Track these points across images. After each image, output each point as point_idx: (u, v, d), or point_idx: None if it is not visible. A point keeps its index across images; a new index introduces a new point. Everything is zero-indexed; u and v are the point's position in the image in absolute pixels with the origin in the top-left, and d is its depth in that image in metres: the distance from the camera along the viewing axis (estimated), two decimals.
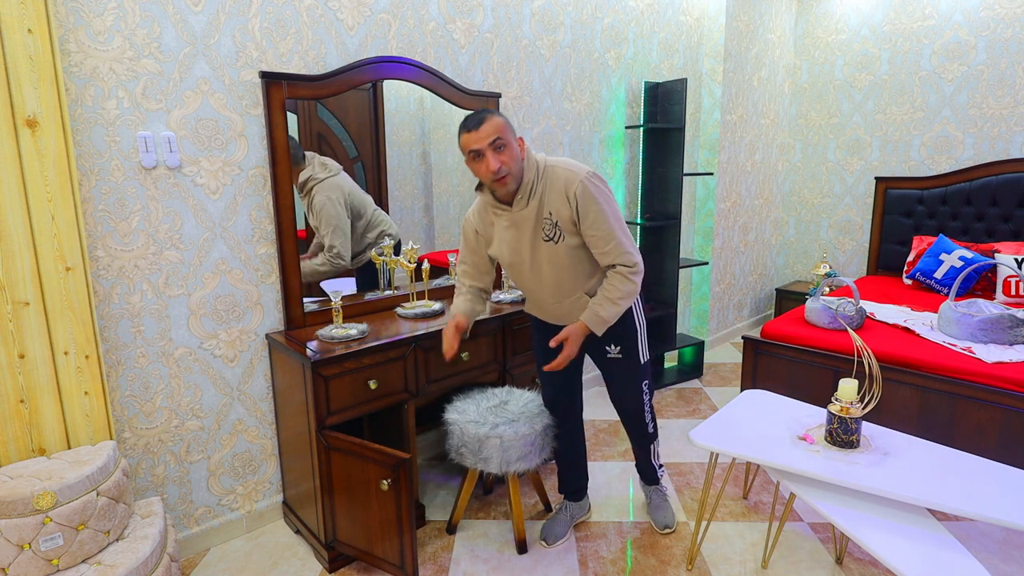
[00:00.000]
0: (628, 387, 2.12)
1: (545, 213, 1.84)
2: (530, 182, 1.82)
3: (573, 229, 1.84)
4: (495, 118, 1.75)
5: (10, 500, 1.45)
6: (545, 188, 1.83)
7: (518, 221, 1.88)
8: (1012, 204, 3.71)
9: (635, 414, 2.18)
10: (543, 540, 2.22)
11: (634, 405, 2.15)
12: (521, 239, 1.90)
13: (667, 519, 2.30)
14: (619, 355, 2.06)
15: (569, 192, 1.79)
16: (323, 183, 2.30)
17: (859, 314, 2.80)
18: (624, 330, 2.04)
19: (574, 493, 2.33)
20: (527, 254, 1.92)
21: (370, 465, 1.90)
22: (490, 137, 1.73)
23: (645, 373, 2.12)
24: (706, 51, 4.10)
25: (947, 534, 1.54)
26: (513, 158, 1.78)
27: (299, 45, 2.20)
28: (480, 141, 1.73)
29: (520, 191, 1.83)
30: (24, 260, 1.64)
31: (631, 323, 2.05)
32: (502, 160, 1.75)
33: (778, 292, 4.79)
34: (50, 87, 1.63)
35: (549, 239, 1.86)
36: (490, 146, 1.73)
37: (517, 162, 1.79)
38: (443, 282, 2.76)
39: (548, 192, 1.83)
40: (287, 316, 2.25)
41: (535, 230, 1.87)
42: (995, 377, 2.27)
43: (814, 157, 4.84)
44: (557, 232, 1.84)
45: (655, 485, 2.38)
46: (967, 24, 3.92)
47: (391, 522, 1.90)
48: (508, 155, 1.76)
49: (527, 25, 2.97)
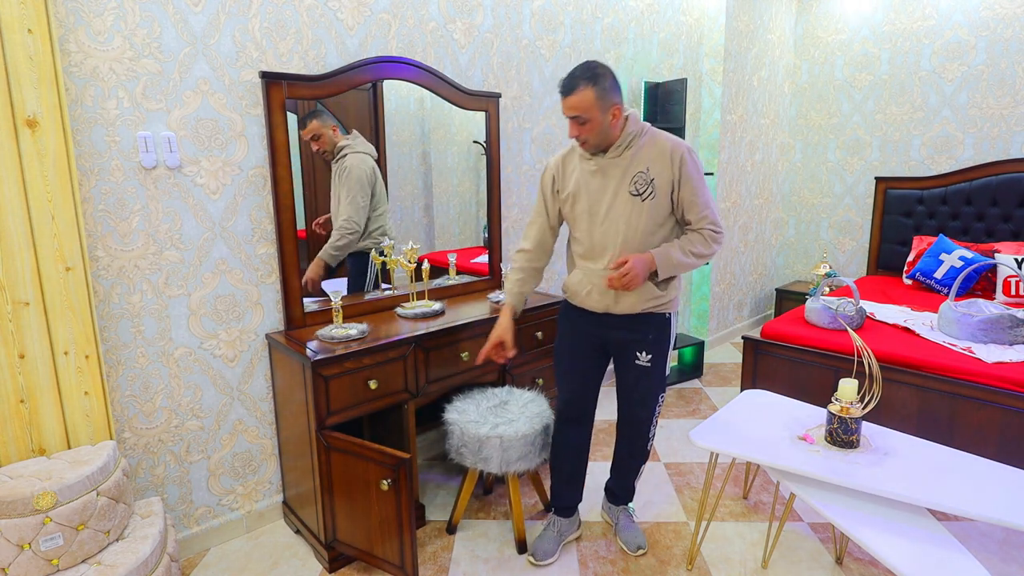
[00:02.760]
0: (647, 398, 2.03)
1: (641, 167, 1.83)
2: (631, 135, 1.83)
3: (667, 190, 1.83)
4: (583, 92, 1.75)
5: (10, 500, 1.45)
6: (647, 145, 1.84)
7: (607, 168, 1.87)
8: (1012, 204, 3.71)
9: (643, 426, 2.08)
10: (531, 556, 2.11)
11: (647, 416, 2.06)
12: (606, 187, 1.87)
13: (639, 540, 2.18)
14: (648, 363, 1.98)
15: (675, 155, 1.81)
16: (358, 153, 2.37)
17: (859, 314, 2.80)
18: (660, 340, 1.98)
19: (565, 510, 2.21)
20: (606, 204, 1.88)
21: (370, 465, 1.90)
22: (573, 111, 1.78)
23: (662, 387, 2.06)
24: (706, 51, 4.10)
25: (947, 534, 1.54)
26: (595, 130, 1.80)
27: (299, 45, 2.20)
28: (567, 110, 1.80)
29: (621, 139, 1.83)
30: (24, 260, 1.64)
31: (667, 333, 1.99)
32: (581, 131, 1.81)
33: (778, 292, 4.80)
34: (50, 87, 1.63)
35: (637, 194, 1.83)
36: (573, 118, 1.79)
37: (600, 133, 1.81)
38: (443, 282, 2.76)
39: (649, 148, 1.84)
40: (287, 316, 2.25)
41: (622, 181, 1.85)
42: (995, 377, 2.27)
43: (814, 157, 4.84)
44: (649, 189, 1.82)
45: (623, 506, 2.27)
46: (967, 24, 3.92)
47: (391, 522, 1.89)
48: (589, 129, 1.80)
49: (527, 25, 2.97)
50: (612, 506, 2.29)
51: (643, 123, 1.88)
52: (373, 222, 2.47)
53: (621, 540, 2.22)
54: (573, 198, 1.94)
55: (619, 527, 2.24)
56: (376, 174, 2.45)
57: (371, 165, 2.42)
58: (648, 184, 1.82)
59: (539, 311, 2.61)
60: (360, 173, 2.38)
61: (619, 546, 2.21)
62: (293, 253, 2.22)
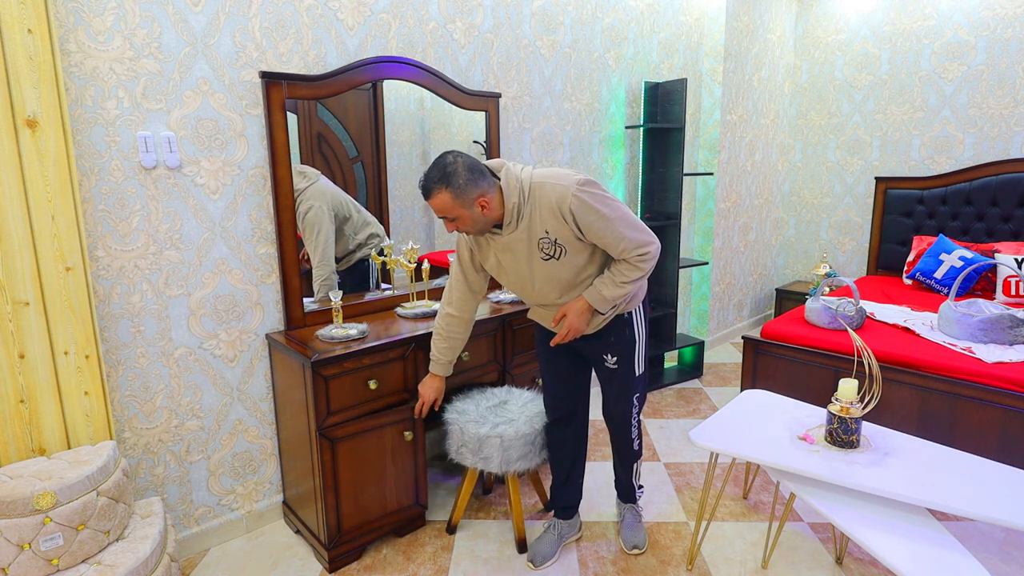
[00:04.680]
0: (619, 398, 2.05)
1: (540, 232, 1.76)
2: (514, 206, 1.73)
3: (578, 243, 1.77)
4: (439, 195, 1.68)
5: (10, 500, 1.45)
6: (535, 207, 1.74)
7: (511, 244, 1.81)
8: (1012, 204, 3.71)
9: (622, 427, 2.09)
10: (530, 562, 2.10)
11: (622, 417, 2.07)
12: (518, 260, 1.83)
13: (637, 539, 2.18)
14: (615, 365, 2.00)
15: (563, 209, 1.70)
16: (305, 192, 2.27)
17: (859, 314, 2.80)
18: (622, 340, 1.97)
19: (564, 511, 2.21)
20: (527, 272, 1.85)
21: (387, 430, 2.13)
22: (438, 213, 1.73)
23: (638, 386, 2.05)
24: (706, 51, 4.10)
25: (947, 534, 1.54)
26: (468, 224, 1.75)
27: (299, 45, 2.20)
28: (434, 210, 1.74)
29: (506, 216, 1.75)
30: (24, 260, 1.64)
31: (630, 333, 1.98)
32: (455, 226, 1.76)
33: (778, 292, 4.80)
34: (50, 87, 1.63)
35: (549, 257, 1.79)
36: (442, 218, 1.75)
37: (476, 224, 1.75)
38: (443, 282, 2.75)
39: (539, 211, 1.73)
40: (287, 316, 2.25)
41: (530, 251, 1.80)
42: (995, 377, 2.27)
43: (814, 157, 4.84)
44: (558, 249, 1.77)
45: (631, 503, 2.27)
46: (967, 24, 3.92)
47: (408, 471, 2.21)
48: (461, 224, 1.75)
49: (527, 25, 2.97)
50: (619, 503, 2.31)
51: (520, 182, 1.73)
52: (360, 233, 2.47)
53: (621, 537, 2.23)
54: (498, 270, 1.92)
55: (622, 524, 2.26)
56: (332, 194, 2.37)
57: (324, 195, 2.33)
58: (553, 245, 1.77)
59: None
60: (313, 215, 2.31)
61: (620, 544, 2.23)
62: (293, 253, 2.22)
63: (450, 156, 1.69)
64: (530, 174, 1.77)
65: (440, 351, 2.05)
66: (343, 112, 2.36)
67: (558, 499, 2.22)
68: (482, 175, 1.71)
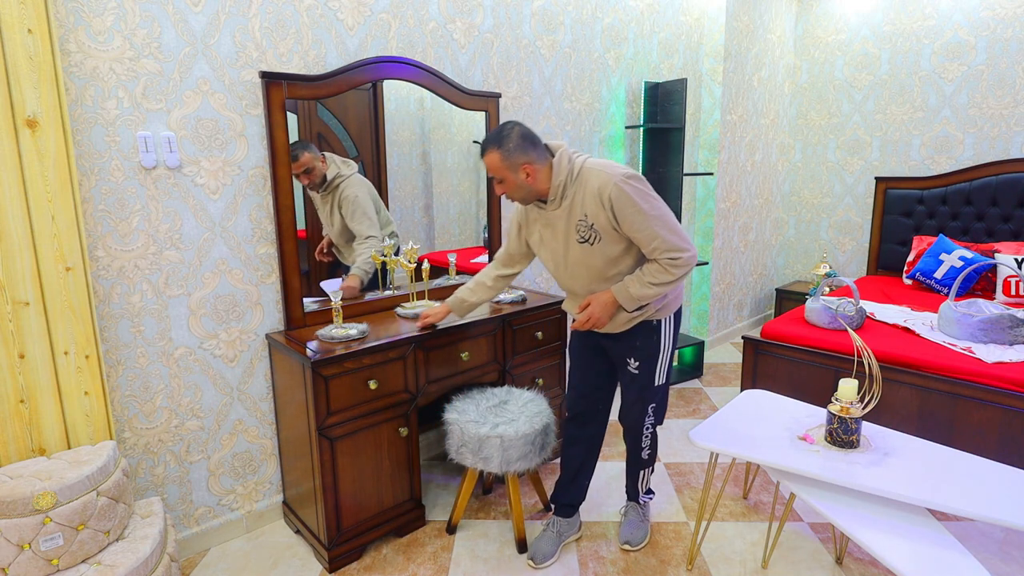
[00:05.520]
0: (635, 405, 2.06)
1: (580, 215, 1.84)
2: (560, 184, 1.83)
3: (614, 233, 1.82)
4: (490, 154, 1.82)
5: (10, 500, 1.45)
6: (579, 190, 1.83)
7: (552, 221, 1.91)
8: (1012, 204, 3.71)
9: (634, 434, 2.12)
10: (530, 560, 2.11)
11: (635, 424, 2.09)
12: (556, 238, 1.93)
13: (631, 535, 2.20)
14: (636, 370, 2.02)
15: (603, 196, 1.77)
16: (351, 178, 2.39)
17: (859, 314, 2.80)
18: (648, 346, 1.99)
19: (565, 508, 2.21)
20: (562, 252, 1.94)
21: (383, 426, 2.14)
22: (488, 172, 1.87)
23: (654, 396, 2.05)
24: (706, 51, 4.10)
25: (947, 534, 1.54)
26: (512, 189, 1.86)
27: (299, 45, 2.20)
28: (486, 169, 1.88)
29: (552, 192, 1.86)
30: (24, 260, 1.64)
31: (656, 340, 1.99)
32: (500, 189, 1.89)
33: (778, 292, 4.80)
34: (50, 87, 1.63)
35: (584, 241, 1.86)
36: (491, 178, 1.91)
37: (519, 190, 1.86)
38: (443, 282, 2.75)
39: (582, 194, 1.82)
40: (287, 316, 2.25)
41: (567, 231, 1.88)
42: (995, 377, 2.27)
43: (814, 157, 4.84)
44: (593, 235, 1.84)
45: (634, 501, 2.28)
46: (967, 24, 3.92)
47: (403, 465, 2.23)
48: (507, 186, 1.86)
49: (527, 25, 2.97)
50: (627, 500, 2.33)
51: (572, 163, 1.84)
52: (384, 228, 2.53)
53: (619, 532, 2.27)
54: (539, 245, 2.02)
55: (624, 520, 2.29)
56: (373, 195, 2.50)
57: (367, 184, 2.46)
58: (590, 229, 1.84)
59: (539, 311, 2.61)
60: (364, 198, 2.43)
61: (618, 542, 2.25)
62: (293, 253, 2.22)
63: (509, 124, 1.85)
64: (584, 160, 1.87)
65: (460, 289, 2.23)
66: (343, 112, 2.36)
67: (561, 496, 2.22)
68: (534, 146, 1.83)
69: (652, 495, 2.31)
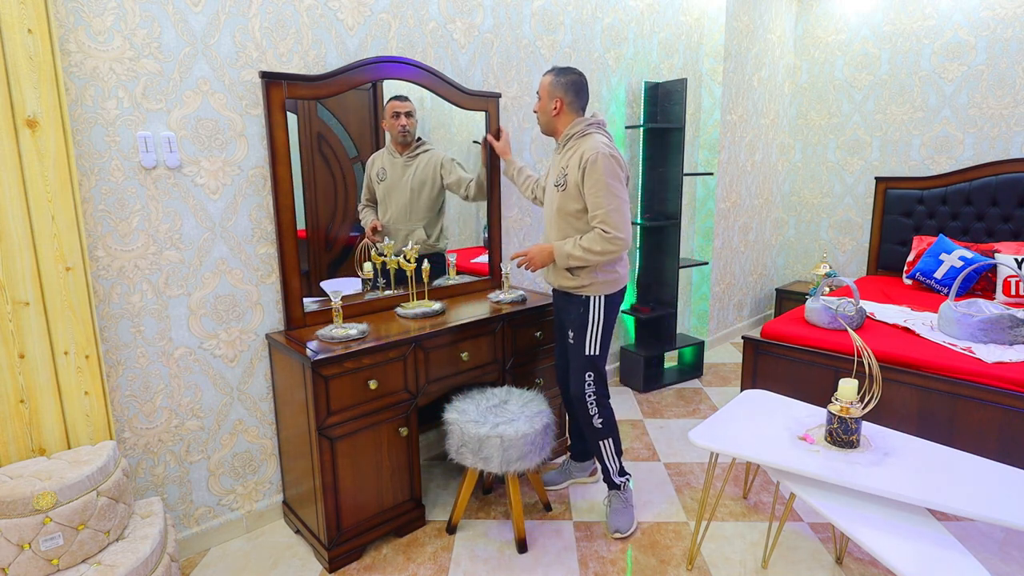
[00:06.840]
0: (576, 372, 2.25)
1: (565, 164, 2.15)
2: (569, 135, 2.17)
3: (575, 191, 2.10)
4: (548, 75, 2.20)
5: (10, 500, 1.45)
6: (576, 147, 2.13)
7: (555, 161, 2.25)
8: (1012, 204, 3.71)
9: (579, 398, 2.26)
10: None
11: (577, 389, 2.26)
12: (549, 177, 2.29)
13: (618, 523, 2.26)
14: (572, 340, 2.25)
15: (584, 158, 2.05)
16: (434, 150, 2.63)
17: (859, 314, 2.80)
18: (577, 318, 2.21)
19: (577, 454, 2.61)
20: (544, 190, 2.38)
21: (383, 426, 2.14)
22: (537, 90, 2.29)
23: (589, 366, 2.22)
24: (706, 51, 4.10)
25: (947, 534, 1.54)
26: (542, 110, 2.23)
27: (299, 45, 2.20)
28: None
29: (562, 138, 2.20)
30: (24, 260, 1.64)
31: (584, 313, 2.20)
32: (536, 107, 2.26)
33: (778, 292, 4.80)
34: (50, 87, 1.63)
35: (557, 185, 2.18)
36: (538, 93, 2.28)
37: (546, 114, 2.22)
38: (443, 282, 2.75)
39: (576, 151, 2.11)
40: (287, 316, 2.25)
41: (555, 173, 2.21)
42: (995, 377, 2.27)
43: (814, 157, 4.84)
44: (564, 184, 2.14)
45: (615, 490, 2.33)
46: (967, 24, 3.92)
47: (403, 466, 2.24)
48: (539, 105, 2.24)
49: (527, 25, 2.97)
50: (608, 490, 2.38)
51: (587, 128, 2.15)
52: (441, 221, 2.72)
53: (607, 523, 2.33)
54: (544, 178, 2.41)
55: (609, 510, 2.34)
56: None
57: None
58: (564, 178, 2.14)
59: (538, 311, 2.61)
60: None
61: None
62: (293, 253, 2.22)
63: (575, 70, 2.20)
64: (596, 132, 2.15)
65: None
66: (343, 112, 2.36)
67: (574, 446, 2.62)
68: (576, 96, 2.19)
69: (628, 476, 2.38)
